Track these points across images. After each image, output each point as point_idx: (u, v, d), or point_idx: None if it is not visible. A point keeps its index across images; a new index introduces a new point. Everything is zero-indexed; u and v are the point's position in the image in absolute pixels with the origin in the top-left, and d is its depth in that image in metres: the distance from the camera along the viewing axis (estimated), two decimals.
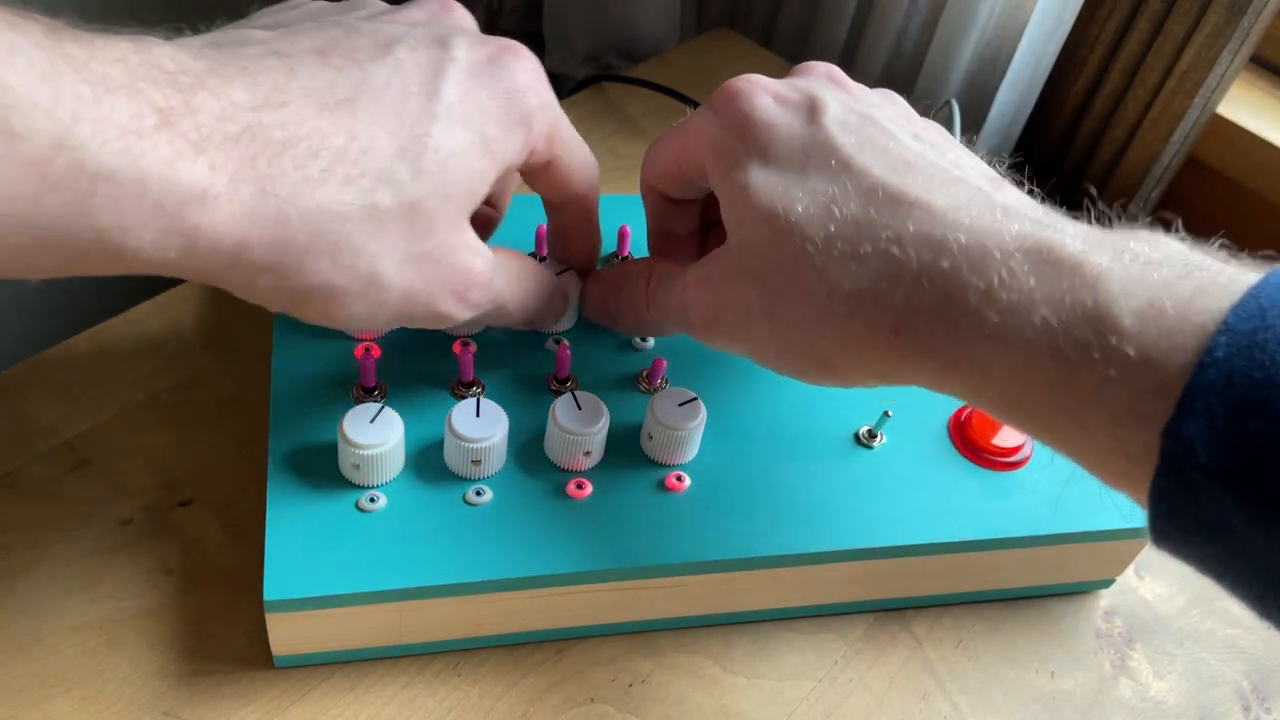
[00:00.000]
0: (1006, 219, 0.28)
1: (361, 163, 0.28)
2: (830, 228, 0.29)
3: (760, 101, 0.33)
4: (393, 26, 0.31)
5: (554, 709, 0.37)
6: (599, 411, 0.37)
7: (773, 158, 0.31)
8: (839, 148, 0.31)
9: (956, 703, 0.39)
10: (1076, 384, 0.26)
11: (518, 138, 0.32)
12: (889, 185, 0.30)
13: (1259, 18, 0.55)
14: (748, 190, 0.31)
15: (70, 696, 0.35)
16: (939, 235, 0.28)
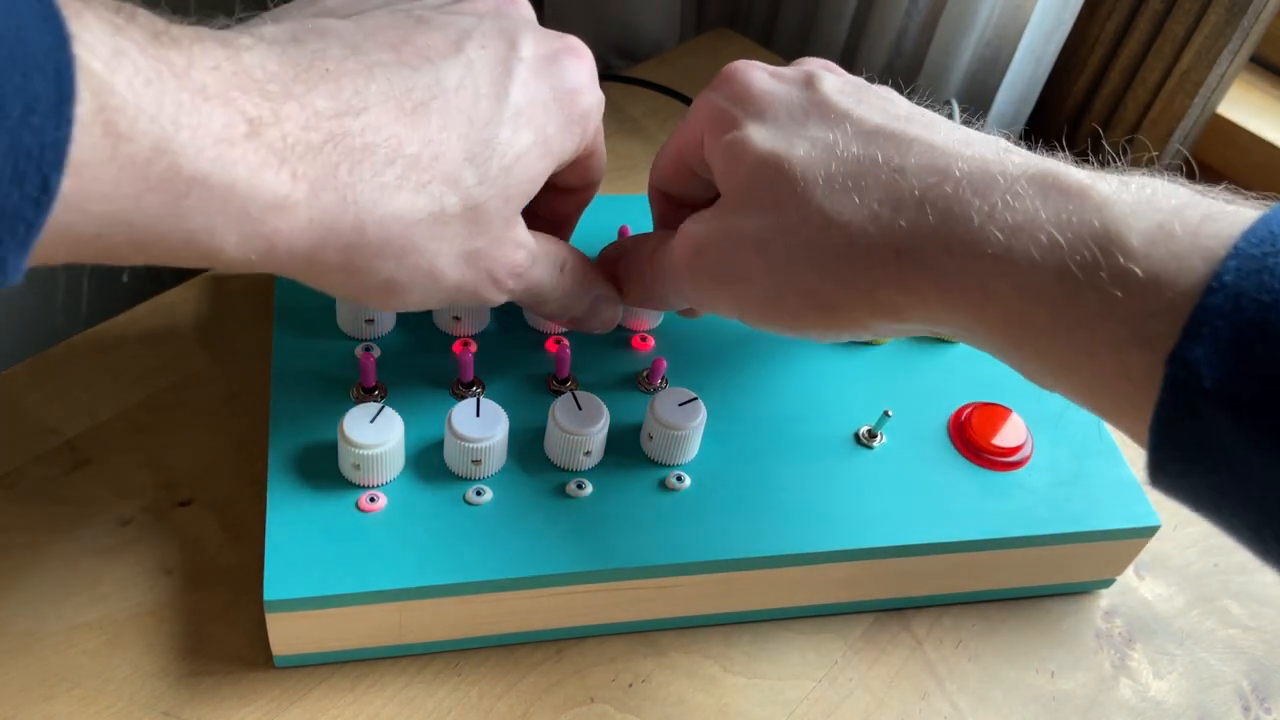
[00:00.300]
0: (1007, 153, 0.29)
1: (433, 168, 0.29)
2: (831, 166, 0.30)
3: (757, 75, 0.34)
4: (462, 19, 0.31)
5: (554, 709, 0.37)
6: (599, 411, 0.37)
7: (770, 119, 0.32)
8: (837, 104, 0.32)
9: (956, 703, 0.39)
10: (1081, 303, 0.25)
11: (575, 136, 0.33)
12: (889, 127, 0.30)
13: (1259, 18, 0.55)
14: (745, 142, 0.32)
15: (70, 696, 0.35)
16: (941, 164, 0.29)
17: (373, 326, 0.40)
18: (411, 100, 0.28)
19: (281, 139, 0.25)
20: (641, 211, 0.48)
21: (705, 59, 0.67)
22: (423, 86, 0.29)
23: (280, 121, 0.25)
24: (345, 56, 0.28)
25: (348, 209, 0.27)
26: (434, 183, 0.29)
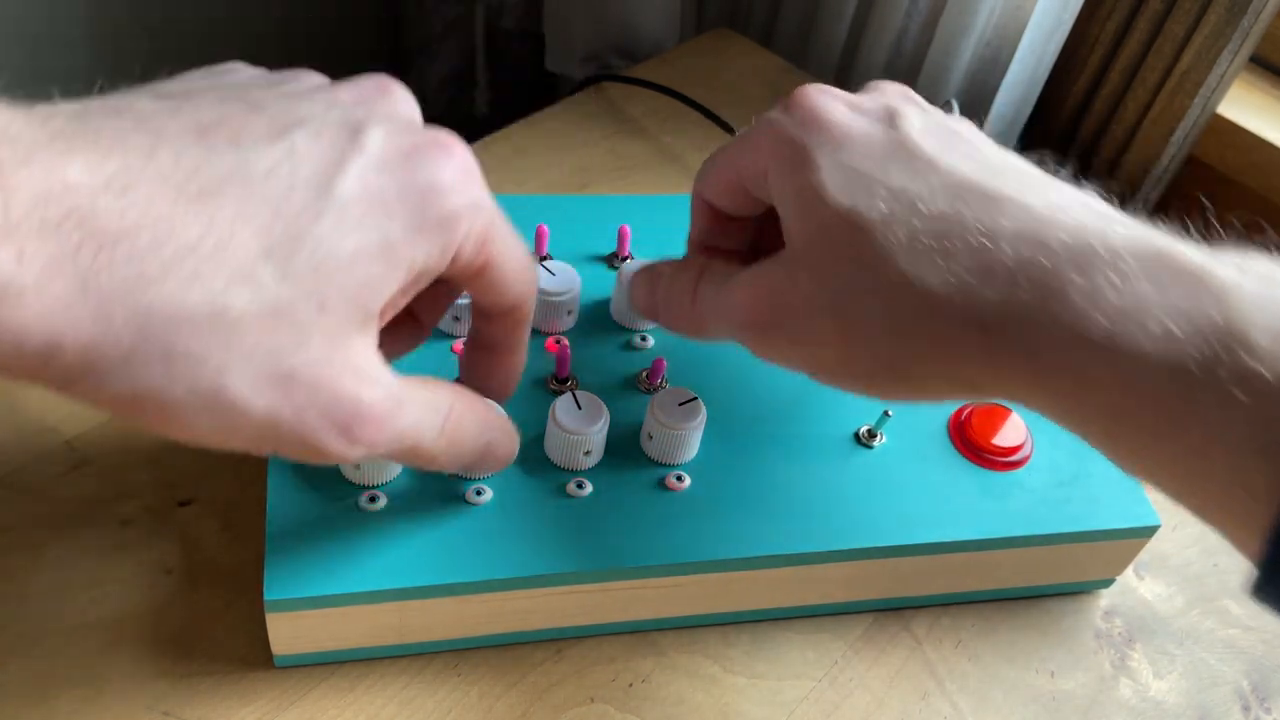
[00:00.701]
0: (1110, 222, 0.26)
1: (216, 258, 0.23)
2: (914, 223, 0.27)
3: (834, 105, 0.31)
4: (306, 105, 0.27)
5: (554, 709, 0.37)
6: (599, 411, 0.37)
7: (847, 157, 0.29)
8: (922, 149, 0.29)
9: (956, 703, 0.39)
10: (1195, 403, 0.23)
11: (433, 242, 0.27)
12: (980, 183, 0.28)
13: (1259, 18, 0.55)
14: (820, 188, 0.29)
15: (70, 696, 0.35)
16: (1038, 232, 0.26)
17: None
18: (198, 183, 0.24)
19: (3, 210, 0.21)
20: (641, 211, 0.48)
21: (705, 59, 0.67)
22: (218, 170, 0.24)
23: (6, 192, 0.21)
24: (130, 130, 0.24)
25: (88, 297, 0.22)
26: (215, 276, 0.23)
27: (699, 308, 0.34)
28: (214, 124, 0.25)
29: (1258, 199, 0.62)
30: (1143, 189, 0.63)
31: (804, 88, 0.32)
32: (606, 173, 0.58)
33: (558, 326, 0.42)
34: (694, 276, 0.34)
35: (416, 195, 0.27)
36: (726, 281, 0.32)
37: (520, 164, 0.57)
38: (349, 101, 0.28)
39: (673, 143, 0.60)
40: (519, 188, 0.56)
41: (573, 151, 0.59)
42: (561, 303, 0.41)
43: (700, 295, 0.34)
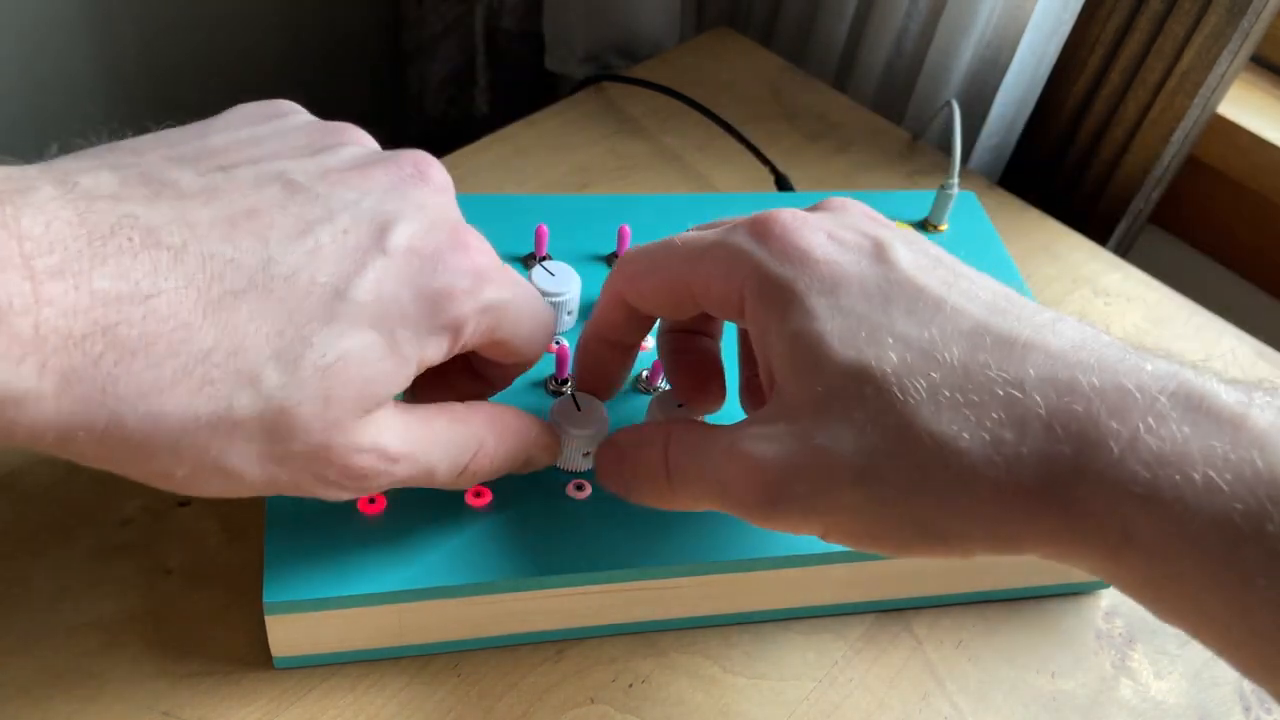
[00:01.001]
0: (1135, 356, 0.25)
1: (226, 365, 0.25)
2: (934, 375, 0.26)
3: (816, 238, 0.29)
4: (340, 194, 0.28)
5: (554, 709, 0.37)
6: (599, 412, 0.37)
7: (844, 300, 0.27)
8: (924, 288, 0.27)
9: (956, 703, 0.39)
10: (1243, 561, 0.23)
11: (438, 342, 0.28)
12: (993, 327, 0.26)
13: (1259, 18, 0.55)
14: (822, 339, 0.27)
15: (70, 696, 0.35)
16: (1065, 377, 0.25)
17: None
18: (221, 287, 0.25)
19: (34, 327, 0.22)
20: (641, 211, 0.48)
21: (705, 59, 0.67)
22: (241, 271, 0.25)
23: (39, 307, 0.22)
24: (161, 226, 0.24)
25: (105, 404, 0.24)
26: (222, 381, 0.25)
27: (677, 487, 0.31)
28: (246, 215, 0.26)
29: (1258, 199, 0.62)
30: (1143, 189, 0.63)
31: (773, 215, 0.30)
32: (606, 173, 0.58)
33: (558, 326, 0.42)
34: (660, 449, 0.31)
35: (429, 302, 0.28)
36: (707, 452, 0.30)
37: (520, 164, 0.57)
38: (383, 188, 0.28)
39: (673, 143, 0.60)
40: (519, 188, 0.56)
41: (573, 151, 0.59)
42: (561, 303, 0.41)
43: (675, 470, 0.31)
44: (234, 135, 0.29)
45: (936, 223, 0.50)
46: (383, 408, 0.28)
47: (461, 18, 0.81)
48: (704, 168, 0.59)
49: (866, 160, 0.61)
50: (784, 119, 0.63)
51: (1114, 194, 0.64)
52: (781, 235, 0.29)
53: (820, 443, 0.27)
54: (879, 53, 0.67)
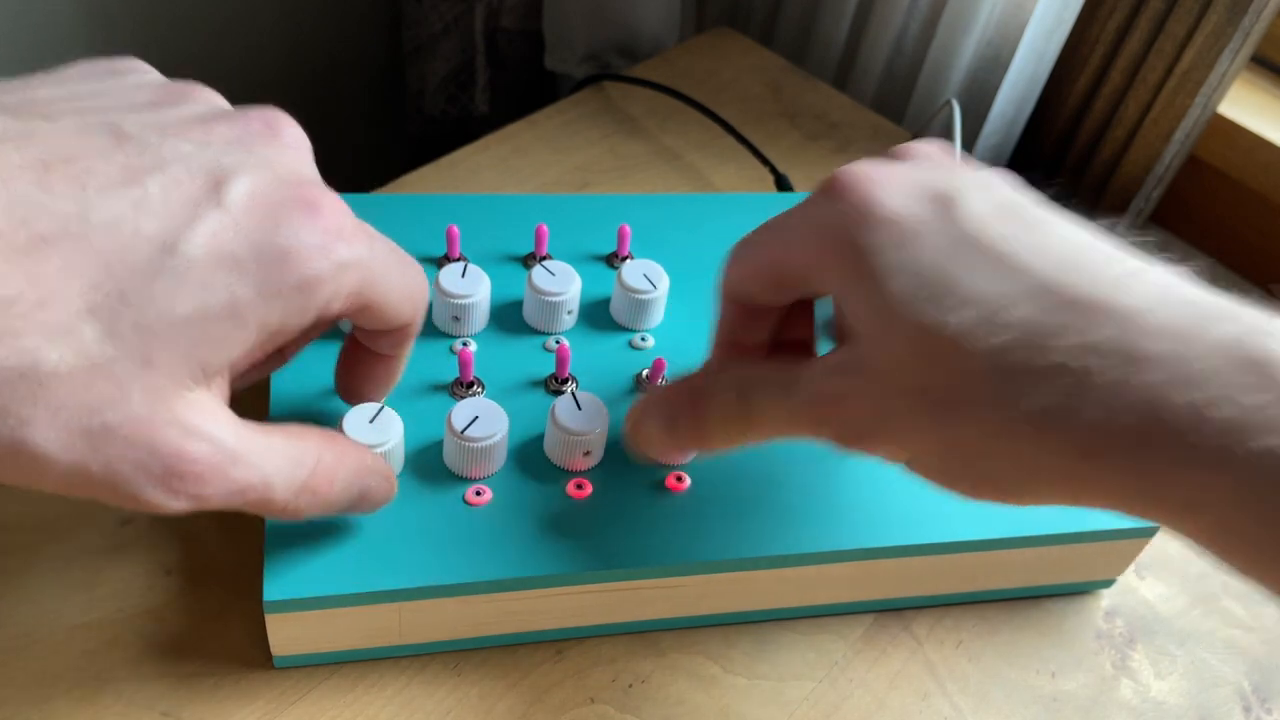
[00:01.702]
0: (1205, 320, 0.25)
1: (32, 315, 0.23)
2: (1002, 337, 0.26)
3: (882, 194, 0.29)
4: (173, 144, 0.26)
5: (554, 709, 0.37)
6: (599, 411, 0.37)
7: (911, 258, 0.27)
8: (990, 244, 0.27)
9: (956, 703, 0.39)
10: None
11: (289, 305, 0.26)
12: (1060, 287, 0.26)
13: (1260, 17, 0.55)
14: (890, 298, 0.27)
15: (70, 696, 0.35)
16: (1131, 343, 0.25)
17: None
18: (29, 231, 0.23)
19: None
20: (641, 211, 0.48)
21: (705, 58, 0.66)
22: (53, 218, 0.23)
23: None
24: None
25: None
26: (29, 333, 0.23)
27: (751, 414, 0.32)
28: (63, 160, 0.24)
29: (1258, 199, 0.62)
30: (1144, 189, 0.63)
31: (842, 174, 0.30)
32: (606, 173, 0.58)
33: (558, 326, 0.42)
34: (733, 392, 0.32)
35: (272, 258, 0.25)
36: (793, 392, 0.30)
37: (520, 164, 0.57)
38: (225, 141, 0.27)
39: (673, 142, 0.60)
40: (519, 188, 0.56)
41: (573, 151, 0.59)
42: (561, 303, 0.41)
43: (758, 410, 0.31)
44: (68, 88, 0.27)
45: None
46: (213, 385, 0.26)
47: (461, 17, 0.81)
48: (704, 168, 0.59)
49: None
50: (784, 119, 0.63)
51: (1115, 194, 0.64)
52: (851, 193, 0.29)
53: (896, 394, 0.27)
54: (879, 52, 0.67)
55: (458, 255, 0.44)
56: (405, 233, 0.45)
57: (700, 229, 0.48)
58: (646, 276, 0.42)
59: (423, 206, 0.46)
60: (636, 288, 0.42)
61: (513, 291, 0.43)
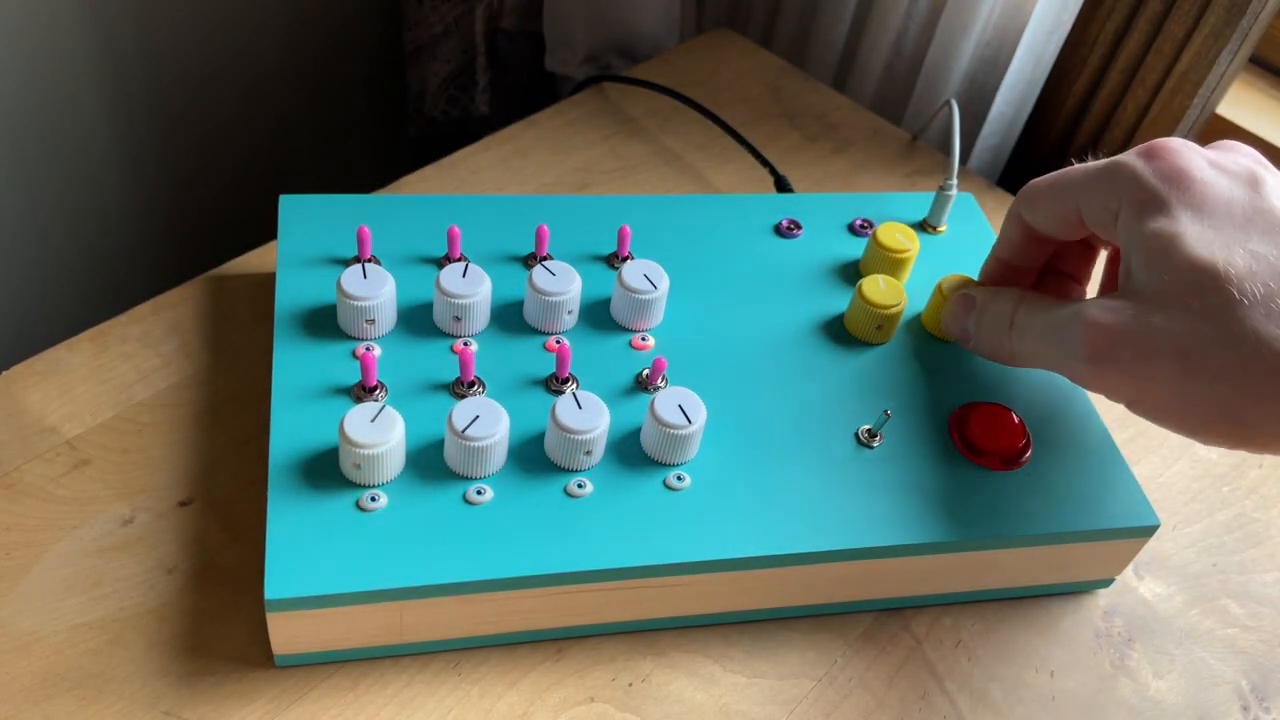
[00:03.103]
0: None
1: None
2: (1272, 285, 0.29)
3: (1197, 161, 0.32)
4: None
5: (554, 708, 0.37)
6: (599, 411, 0.37)
7: (1209, 214, 0.31)
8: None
9: (956, 702, 0.39)
10: None
11: None
12: None
13: (1258, 18, 0.55)
14: (1179, 238, 0.31)
15: (70, 696, 0.35)
16: None
17: (373, 326, 0.40)
18: None
19: None
20: (641, 211, 0.48)
21: (705, 59, 0.67)
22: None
23: None
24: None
25: None
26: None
27: (1015, 335, 0.36)
28: None
29: None
30: None
31: (1166, 140, 0.33)
32: (606, 173, 0.58)
33: (558, 326, 0.42)
34: (1011, 306, 0.37)
35: None
36: (1055, 312, 0.34)
37: (520, 164, 0.57)
38: None
39: (672, 143, 0.60)
40: (519, 188, 0.56)
41: (573, 151, 0.59)
42: (561, 303, 0.41)
43: (1020, 324, 0.36)
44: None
45: (935, 224, 0.50)
46: None
47: (461, 18, 0.81)
48: (703, 168, 0.59)
49: (866, 161, 0.61)
50: (783, 119, 0.63)
51: None
52: (1166, 156, 0.32)
53: (1153, 318, 0.31)
54: (878, 53, 0.67)
55: (458, 256, 0.44)
56: (406, 233, 0.45)
57: (700, 229, 0.48)
58: (646, 276, 0.42)
59: (423, 207, 0.46)
60: (636, 288, 0.42)
61: (513, 291, 0.43)
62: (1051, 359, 0.35)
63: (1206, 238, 0.30)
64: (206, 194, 0.84)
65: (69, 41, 0.69)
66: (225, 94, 0.80)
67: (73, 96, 0.71)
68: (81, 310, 0.57)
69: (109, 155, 0.76)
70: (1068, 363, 0.34)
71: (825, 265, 0.47)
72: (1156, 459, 0.48)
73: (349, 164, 0.94)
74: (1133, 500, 0.40)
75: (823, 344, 0.44)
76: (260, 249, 0.50)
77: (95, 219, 0.78)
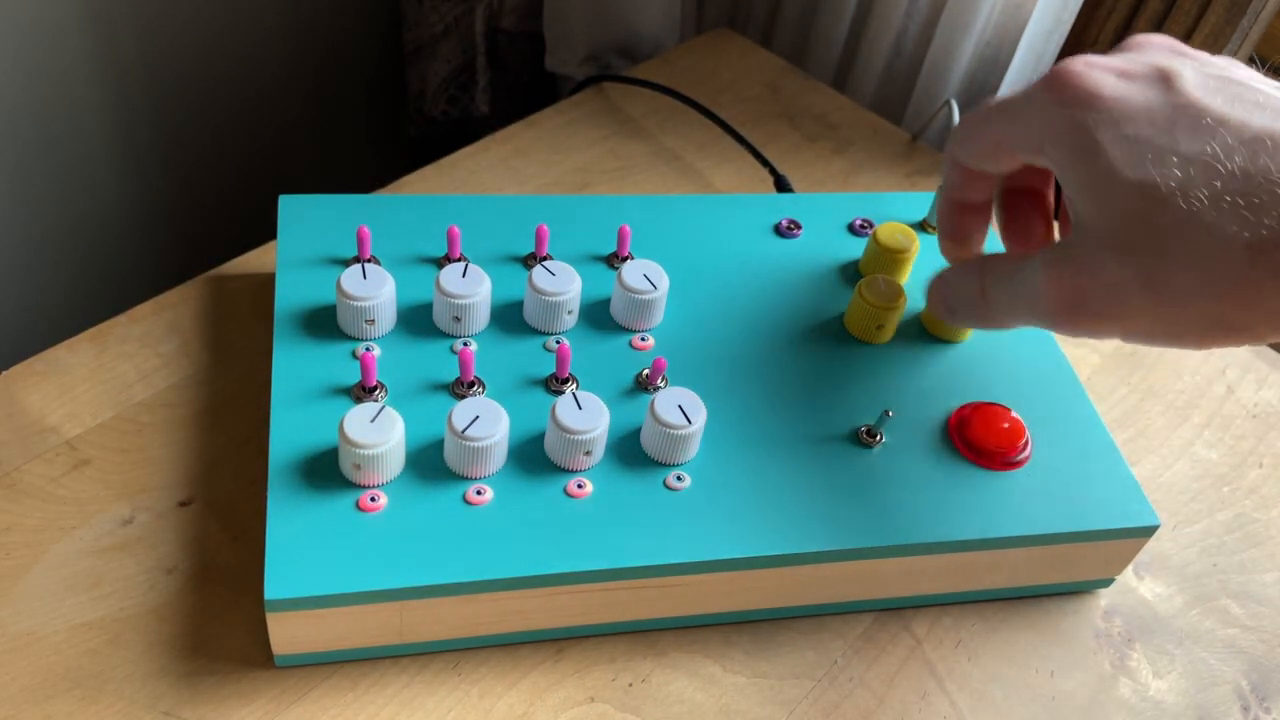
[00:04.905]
0: None
1: None
2: (1216, 184, 0.28)
3: (1104, 78, 0.31)
4: None
5: (554, 709, 0.37)
6: (599, 411, 0.37)
7: (1132, 130, 0.30)
8: (1208, 107, 0.29)
9: (956, 702, 0.39)
10: None
11: None
12: (1273, 133, 0.28)
13: (1258, 18, 0.55)
14: (1110, 169, 0.30)
15: (70, 696, 0.35)
16: None
17: (373, 327, 0.40)
18: None
19: None
20: (641, 211, 0.48)
21: (705, 59, 0.67)
22: None
23: None
24: None
25: None
26: None
27: (989, 302, 0.36)
28: None
29: None
30: None
31: (1066, 64, 0.32)
32: (606, 173, 0.58)
33: (558, 326, 0.42)
34: (976, 277, 0.36)
35: None
36: (1018, 274, 0.34)
37: (520, 164, 0.57)
38: None
39: (672, 143, 0.60)
40: (519, 188, 0.56)
41: (573, 151, 0.59)
42: (562, 303, 0.41)
43: (989, 292, 0.35)
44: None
45: (935, 224, 0.50)
46: None
47: (461, 18, 0.81)
48: (703, 168, 0.59)
49: (866, 161, 0.61)
50: (783, 119, 0.63)
51: None
52: (1072, 81, 0.31)
53: (1112, 259, 0.30)
54: (878, 53, 0.67)
55: (458, 256, 0.44)
56: (406, 233, 0.45)
57: (700, 229, 0.48)
58: (646, 276, 0.42)
59: (423, 207, 0.46)
60: (636, 288, 0.42)
61: (513, 292, 0.43)
62: (1031, 321, 0.34)
63: (1134, 157, 0.29)
64: (206, 194, 0.84)
65: (68, 39, 0.69)
66: (225, 94, 0.80)
67: (74, 97, 0.71)
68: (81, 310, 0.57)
69: (110, 155, 0.76)
70: (1044, 322, 0.33)
71: (825, 265, 0.47)
72: (1156, 459, 0.48)
73: (349, 164, 0.94)
74: (1133, 500, 0.40)
75: (823, 344, 0.44)
76: (260, 249, 0.50)
77: (95, 219, 0.78)
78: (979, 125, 0.36)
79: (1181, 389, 0.51)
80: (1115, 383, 0.51)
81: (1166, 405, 0.50)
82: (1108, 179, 0.30)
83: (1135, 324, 0.31)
